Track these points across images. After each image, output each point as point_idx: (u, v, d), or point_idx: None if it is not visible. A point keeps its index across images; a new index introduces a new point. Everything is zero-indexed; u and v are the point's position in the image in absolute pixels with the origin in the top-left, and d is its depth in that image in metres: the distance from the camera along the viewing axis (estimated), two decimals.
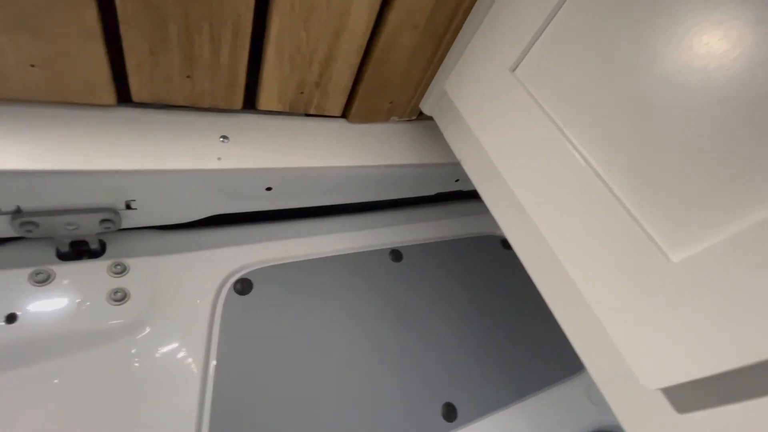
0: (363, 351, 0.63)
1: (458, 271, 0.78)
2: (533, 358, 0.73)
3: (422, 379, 0.63)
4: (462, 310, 0.73)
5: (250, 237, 0.63)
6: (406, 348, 0.66)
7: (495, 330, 0.74)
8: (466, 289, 0.77)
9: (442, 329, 0.70)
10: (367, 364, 0.62)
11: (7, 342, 0.44)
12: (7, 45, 0.36)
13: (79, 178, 0.44)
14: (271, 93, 0.52)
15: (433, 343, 0.68)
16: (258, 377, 0.54)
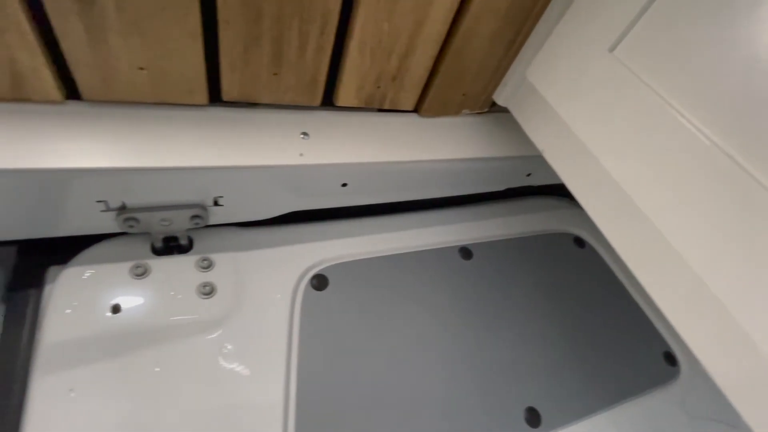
0: (438, 350, 0.61)
1: (531, 270, 0.74)
2: (619, 364, 0.68)
3: (502, 381, 0.61)
4: (539, 310, 0.70)
5: (324, 234, 0.64)
6: (482, 348, 0.64)
7: (576, 332, 0.69)
8: (540, 289, 0.73)
9: (519, 330, 0.67)
10: (443, 364, 0.60)
11: (114, 331, 0.47)
12: (123, 49, 0.39)
13: (176, 175, 0.47)
14: (349, 88, 0.53)
15: (511, 344, 0.65)
16: (337, 372, 0.54)
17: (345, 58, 0.49)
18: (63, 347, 0.45)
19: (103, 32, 0.37)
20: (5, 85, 0.39)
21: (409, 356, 0.60)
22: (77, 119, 0.42)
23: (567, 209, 0.87)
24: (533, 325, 0.69)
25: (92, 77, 0.41)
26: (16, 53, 0.37)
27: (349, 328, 0.58)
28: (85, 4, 0.35)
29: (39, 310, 0.49)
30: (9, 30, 0.35)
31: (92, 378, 0.45)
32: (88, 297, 0.48)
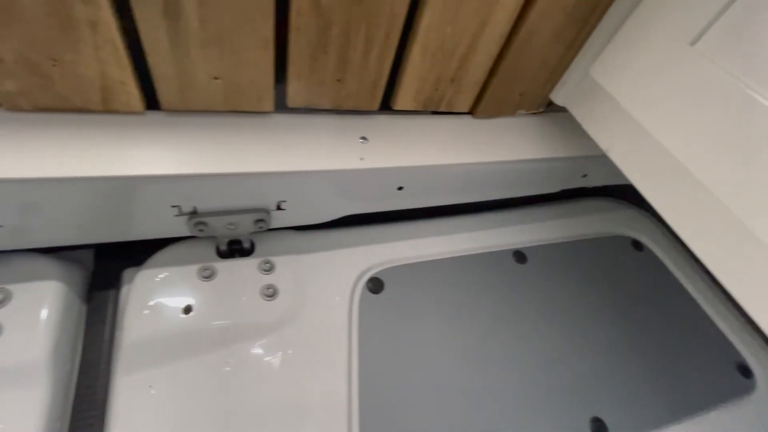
0: (495, 355, 0.60)
1: (588, 274, 0.72)
2: (688, 374, 0.64)
3: (564, 388, 0.59)
4: (598, 316, 0.67)
5: (378, 237, 0.64)
6: (541, 354, 0.62)
7: (640, 340, 0.66)
8: (599, 294, 0.70)
9: (578, 336, 0.64)
10: (501, 370, 0.59)
11: (187, 331, 0.49)
12: (201, 60, 0.41)
13: (245, 181, 0.48)
14: (408, 92, 0.53)
15: (572, 351, 0.63)
16: (397, 374, 0.54)
17: (406, 61, 0.49)
18: (142, 346, 0.47)
19: (185, 45, 0.39)
20: (95, 97, 0.41)
21: (466, 361, 0.59)
22: (156, 128, 0.45)
23: (624, 211, 0.84)
24: (593, 331, 0.66)
25: (171, 88, 0.43)
26: (108, 68, 0.39)
27: (406, 331, 0.58)
28: (172, 19, 0.37)
29: (117, 310, 0.52)
30: (104, 47, 0.37)
31: (169, 376, 0.47)
32: (162, 298, 0.50)
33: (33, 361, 0.43)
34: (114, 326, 0.51)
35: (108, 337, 0.50)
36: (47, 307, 0.46)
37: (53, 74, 0.38)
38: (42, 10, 0.33)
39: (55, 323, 0.46)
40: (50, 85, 0.39)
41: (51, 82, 0.39)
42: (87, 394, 0.46)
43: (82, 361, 0.49)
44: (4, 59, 0.36)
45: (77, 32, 0.35)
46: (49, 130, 0.41)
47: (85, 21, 0.35)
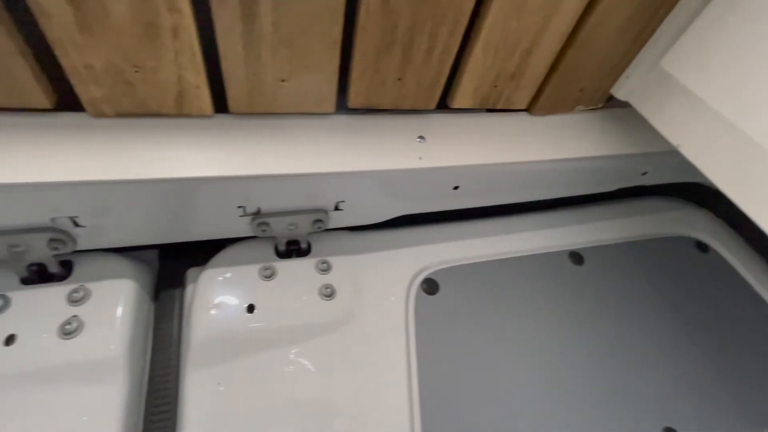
0: (556, 361, 0.58)
1: (649, 276, 0.69)
2: (765, 385, 0.60)
3: (632, 397, 0.56)
4: (663, 321, 0.64)
5: (432, 237, 0.64)
6: (602, 359, 0.59)
7: (709, 346, 0.62)
8: (662, 298, 0.67)
9: (642, 341, 0.62)
10: (562, 374, 0.57)
11: (251, 330, 0.50)
12: (271, 63, 0.42)
13: (307, 181, 0.49)
14: (466, 90, 0.52)
15: (635, 357, 0.60)
16: (455, 376, 0.53)
17: (467, 58, 0.48)
18: (209, 344, 0.49)
19: (257, 48, 0.40)
20: (170, 101, 0.43)
21: (525, 364, 0.57)
22: (224, 131, 0.46)
23: (685, 210, 0.80)
24: (657, 336, 0.63)
25: (241, 91, 0.44)
26: (185, 73, 0.40)
27: (463, 333, 0.57)
28: (247, 23, 0.38)
29: (183, 308, 0.54)
30: (183, 52, 0.38)
31: (237, 373, 0.48)
32: (226, 297, 0.52)
33: (112, 357, 0.45)
34: (180, 324, 0.53)
35: (176, 335, 0.52)
36: (123, 305, 0.48)
37: (135, 81, 0.40)
38: (131, 19, 0.35)
39: (130, 320, 0.48)
40: (131, 92, 0.41)
41: (133, 88, 0.40)
42: (159, 389, 0.48)
43: (152, 357, 0.51)
44: (93, 67, 0.38)
45: (160, 39, 0.37)
46: (127, 134, 0.43)
47: (169, 28, 0.36)
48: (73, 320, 0.45)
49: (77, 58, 0.37)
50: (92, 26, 0.35)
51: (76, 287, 0.48)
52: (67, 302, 0.47)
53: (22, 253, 0.44)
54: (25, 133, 0.40)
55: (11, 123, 0.39)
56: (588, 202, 0.75)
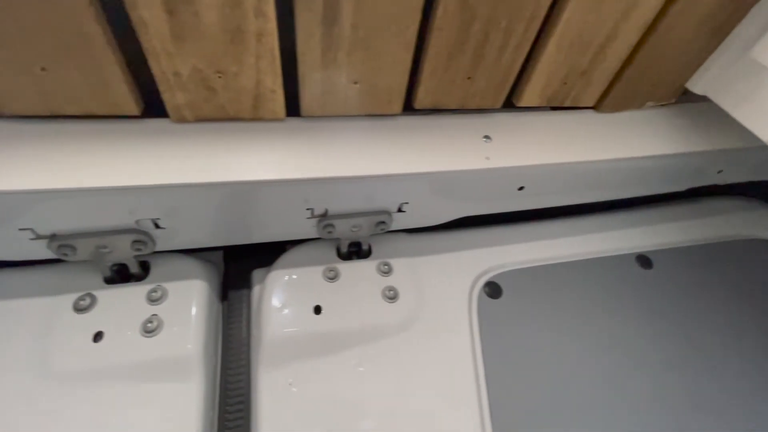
0: (624, 367, 0.55)
1: (724, 282, 0.64)
2: None
3: (706, 408, 0.53)
4: (740, 329, 0.60)
5: (493, 239, 0.62)
6: (677, 368, 0.56)
7: None
8: (737, 305, 0.63)
9: (719, 349, 0.58)
10: (632, 382, 0.54)
11: (319, 331, 0.50)
12: (346, 66, 0.42)
13: (374, 183, 0.49)
14: (535, 88, 0.51)
15: (710, 364, 0.56)
16: (524, 382, 0.52)
17: (539, 55, 0.47)
18: (280, 345, 0.49)
19: (334, 51, 0.40)
20: (247, 106, 0.44)
21: (594, 372, 0.55)
22: (295, 134, 0.47)
23: (762, 211, 0.75)
24: (733, 344, 0.59)
25: (314, 94, 0.45)
26: (264, 77, 0.41)
27: (528, 338, 0.55)
28: (327, 26, 0.38)
29: (250, 309, 0.55)
30: (264, 57, 0.39)
31: (307, 374, 0.48)
32: (293, 298, 0.52)
33: (189, 355, 0.47)
34: (248, 324, 0.54)
35: (245, 335, 0.53)
36: (197, 305, 0.50)
37: (217, 86, 0.41)
38: (219, 26, 0.36)
39: (204, 320, 0.49)
40: (213, 97, 0.42)
41: (214, 93, 0.42)
42: (232, 389, 0.49)
43: (222, 357, 0.53)
44: (181, 74, 0.39)
45: (244, 44, 0.38)
46: (205, 138, 0.44)
47: (254, 32, 0.37)
48: (153, 319, 0.47)
49: (167, 66, 0.38)
50: (184, 34, 0.36)
51: (155, 287, 0.50)
52: (147, 301, 0.49)
53: (108, 254, 0.47)
54: (115, 139, 0.42)
55: (104, 130, 0.42)
56: (657, 202, 0.71)
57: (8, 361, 0.44)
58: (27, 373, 0.44)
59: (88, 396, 0.44)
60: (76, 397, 0.44)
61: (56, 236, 0.44)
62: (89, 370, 0.44)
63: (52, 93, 0.38)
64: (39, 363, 0.44)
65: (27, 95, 0.38)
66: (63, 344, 0.45)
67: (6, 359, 0.44)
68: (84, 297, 0.48)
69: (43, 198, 0.40)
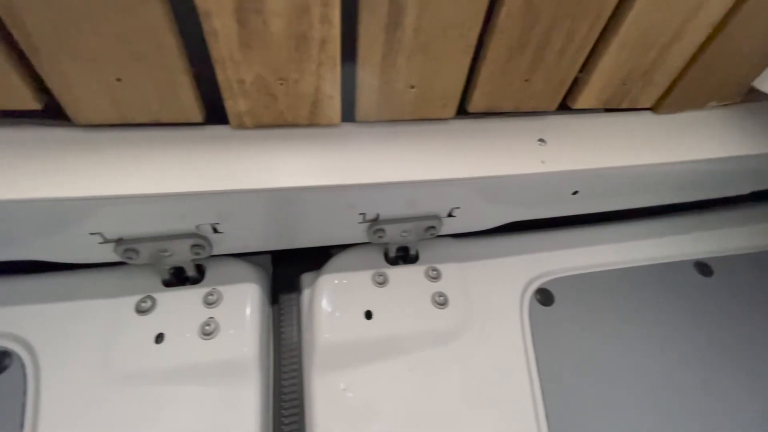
0: (684, 379, 0.53)
1: None
2: None
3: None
4: None
5: (543, 244, 0.61)
6: (741, 383, 0.53)
7: None
8: None
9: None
10: (692, 394, 0.52)
11: (370, 336, 0.50)
12: (404, 70, 0.42)
13: (426, 188, 0.48)
14: (593, 89, 0.49)
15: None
16: (580, 393, 0.50)
17: (600, 55, 0.46)
18: (332, 349, 0.49)
19: (395, 55, 0.40)
20: (305, 112, 0.44)
21: (652, 383, 0.53)
22: (350, 139, 0.47)
23: None
24: None
25: (371, 99, 0.45)
26: (323, 83, 0.42)
27: (583, 347, 0.53)
28: (390, 31, 0.38)
29: (300, 312, 0.56)
30: (325, 63, 0.40)
31: (360, 379, 0.48)
32: (344, 303, 0.52)
33: (246, 358, 0.47)
34: (299, 328, 0.55)
35: (296, 339, 0.54)
36: (251, 308, 0.50)
37: (278, 93, 0.42)
38: (286, 33, 0.37)
39: (258, 323, 0.50)
40: (273, 104, 0.43)
41: (274, 100, 0.42)
42: (286, 392, 0.49)
43: (274, 360, 0.53)
44: (244, 81, 0.40)
45: (308, 51, 0.38)
46: (263, 144, 0.45)
47: (318, 39, 0.37)
48: (211, 321, 0.48)
49: (232, 74, 0.39)
50: (251, 42, 0.37)
51: (210, 290, 0.51)
52: (204, 304, 0.50)
53: (168, 257, 0.48)
54: (179, 146, 0.43)
55: (169, 137, 0.43)
56: (716, 206, 0.68)
57: (75, 360, 0.46)
58: (92, 372, 0.45)
59: (150, 396, 0.45)
60: (138, 397, 0.45)
61: (122, 240, 0.45)
62: (151, 370, 0.46)
63: (124, 102, 0.40)
64: (104, 363, 0.46)
65: (101, 105, 0.39)
66: (127, 345, 0.46)
67: (73, 358, 0.46)
68: (145, 299, 0.49)
69: (112, 204, 0.41)
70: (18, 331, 0.46)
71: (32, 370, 0.44)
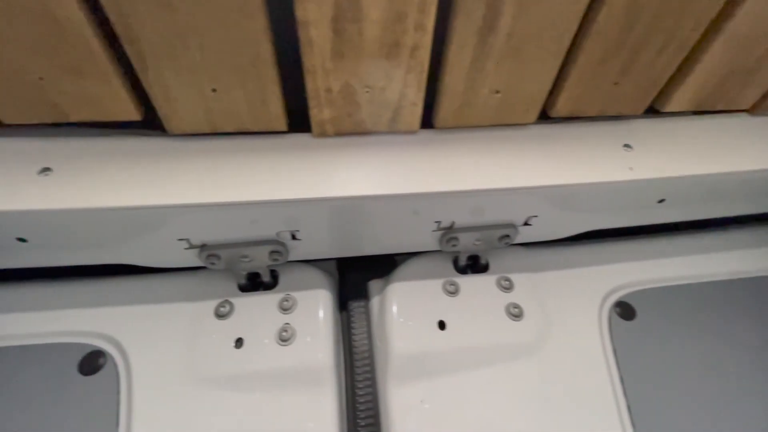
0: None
1: None
2: None
3: None
4: None
5: (622, 254, 0.58)
6: None
7: None
8: None
9: None
10: None
11: (445, 347, 0.49)
12: (492, 75, 0.41)
13: (505, 196, 0.47)
14: (687, 91, 0.46)
15: None
16: (672, 416, 0.47)
17: (701, 55, 0.43)
18: (408, 360, 0.49)
19: (484, 60, 0.39)
20: (385, 119, 0.44)
21: (748, 406, 0.49)
22: (428, 146, 0.46)
23: None
24: None
25: (453, 105, 0.44)
26: (408, 90, 0.41)
27: (671, 367, 0.50)
28: (482, 36, 0.37)
29: (370, 320, 0.55)
30: (414, 70, 0.39)
31: (437, 391, 0.47)
32: (417, 313, 0.52)
33: (321, 365, 0.47)
34: (370, 336, 0.54)
35: (368, 347, 0.53)
36: (324, 315, 0.51)
37: (362, 101, 0.42)
38: (379, 41, 0.36)
39: (332, 330, 0.50)
40: (356, 111, 0.43)
41: (358, 108, 0.42)
42: (361, 402, 0.49)
43: (347, 368, 0.53)
44: (332, 90, 0.40)
45: (398, 58, 0.38)
46: (342, 152, 0.45)
47: (410, 46, 0.37)
48: (287, 327, 0.49)
49: (322, 83, 0.39)
50: (344, 51, 0.37)
51: (285, 296, 0.51)
52: (279, 310, 0.50)
53: (247, 263, 0.49)
54: (264, 154, 0.43)
55: (255, 146, 0.43)
56: None
57: (162, 361, 0.47)
58: (178, 375, 0.47)
59: (232, 401, 0.46)
60: (219, 402, 0.46)
61: (206, 246, 0.47)
62: (232, 375, 0.46)
63: (216, 112, 0.41)
64: (188, 365, 0.47)
65: (195, 115, 0.41)
66: (208, 349, 0.47)
67: (160, 360, 0.47)
68: (223, 304, 0.50)
69: (202, 211, 0.42)
70: (109, 332, 0.48)
71: (124, 370, 0.46)
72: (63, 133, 0.43)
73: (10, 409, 0.44)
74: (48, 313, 0.49)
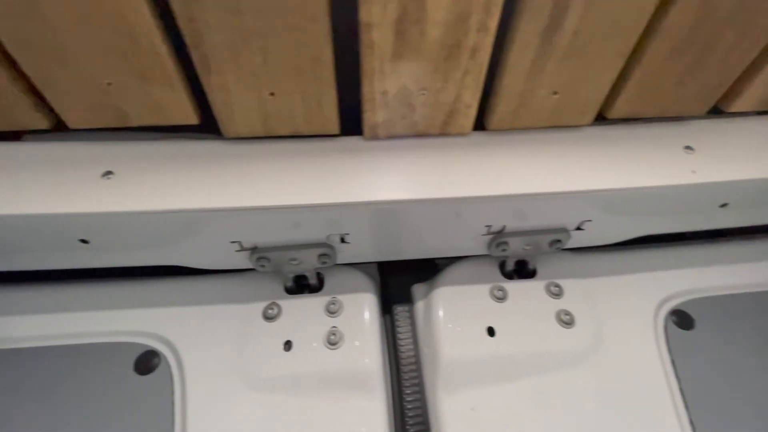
0: None
1: None
2: None
3: None
4: None
5: (678, 260, 0.55)
6: None
7: None
8: None
9: None
10: None
11: (495, 354, 0.48)
12: (552, 75, 0.40)
13: (561, 200, 0.45)
14: (756, 91, 0.44)
15: None
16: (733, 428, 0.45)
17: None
18: (457, 367, 0.48)
19: (545, 61, 0.38)
20: (438, 122, 0.43)
21: None
22: (481, 149, 0.45)
23: None
24: None
25: (509, 107, 0.43)
26: (464, 92, 0.40)
27: (737, 381, 0.48)
28: (545, 36, 0.36)
29: (415, 325, 0.55)
30: (472, 72, 0.38)
31: (487, 399, 0.46)
32: (465, 318, 0.51)
33: (369, 370, 0.47)
34: (415, 341, 0.54)
35: (414, 352, 0.53)
36: (369, 318, 0.50)
37: (417, 103, 0.41)
38: (439, 43, 0.36)
39: (378, 334, 0.50)
40: (410, 114, 0.42)
41: (412, 110, 0.42)
42: (410, 408, 0.49)
43: (390, 372, 0.53)
44: (387, 92, 0.39)
45: (457, 60, 0.37)
46: (393, 155, 0.44)
47: (470, 48, 0.36)
48: (335, 331, 0.49)
49: (378, 85, 0.39)
50: (403, 53, 0.36)
51: (331, 299, 0.51)
52: (326, 313, 0.50)
53: (296, 266, 0.49)
54: (317, 158, 0.43)
55: (307, 149, 0.43)
56: None
57: (214, 363, 0.48)
58: (230, 377, 0.47)
59: (282, 404, 0.46)
60: (270, 404, 0.46)
61: (257, 248, 0.47)
62: (282, 378, 0.47)
63: (272, 115, 0.41)
64: (239, 367, 0.48)
65: (252, 118, 0.41)
66: (258, 351, 0.48)
67: (212, 361, 0.48)
68: (271, 306, 0.51)
69: (256, 214, 0.42)
70: (162, 332, 0.49)
71: (177, 371, 0.47)
72: (123, 137, 0.44)
73: (69, 406, 0.45)
74: (104, 312, 0.51)
